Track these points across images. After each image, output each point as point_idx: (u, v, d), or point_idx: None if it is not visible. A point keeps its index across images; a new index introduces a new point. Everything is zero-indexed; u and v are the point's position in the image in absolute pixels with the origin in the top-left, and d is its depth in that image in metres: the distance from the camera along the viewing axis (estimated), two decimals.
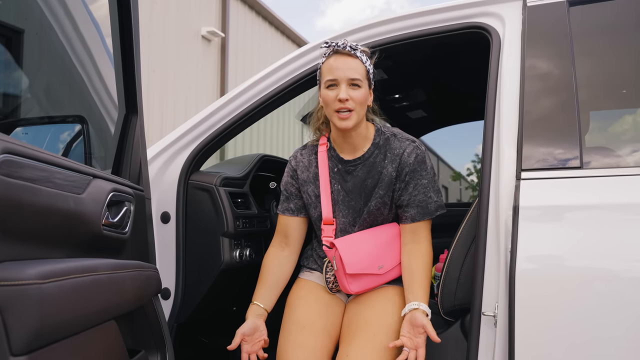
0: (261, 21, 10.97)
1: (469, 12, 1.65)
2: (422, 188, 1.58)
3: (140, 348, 1.39)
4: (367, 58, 1.58)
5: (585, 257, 1.24)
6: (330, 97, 1.54)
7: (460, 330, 1.58)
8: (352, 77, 1.52)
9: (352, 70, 1.52)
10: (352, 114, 1.52)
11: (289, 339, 1.54)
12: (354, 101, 1.52)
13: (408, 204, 1.59)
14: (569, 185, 1.31)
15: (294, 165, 1.73)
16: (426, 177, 1.59)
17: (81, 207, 1.08)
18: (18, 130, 1.56)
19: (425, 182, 1.59)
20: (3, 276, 0.83)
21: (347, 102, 1.51)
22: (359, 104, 1.53)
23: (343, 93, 1.51)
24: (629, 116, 1.54)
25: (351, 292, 1.59)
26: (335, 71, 1.53)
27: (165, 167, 1.87)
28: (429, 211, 1.59)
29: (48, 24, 1.55)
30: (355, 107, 1.52)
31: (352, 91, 1.52)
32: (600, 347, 1.18)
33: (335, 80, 1.53)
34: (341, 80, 1.52)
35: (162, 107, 7.96)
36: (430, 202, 1.58)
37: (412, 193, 1.58)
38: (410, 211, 1.59)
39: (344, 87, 1.52)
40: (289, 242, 1.73)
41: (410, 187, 1.58)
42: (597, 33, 1.51)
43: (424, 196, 1.58)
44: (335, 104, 1.53)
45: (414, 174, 1.58)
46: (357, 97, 1.52)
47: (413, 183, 1.58)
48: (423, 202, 1.58)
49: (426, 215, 1.59)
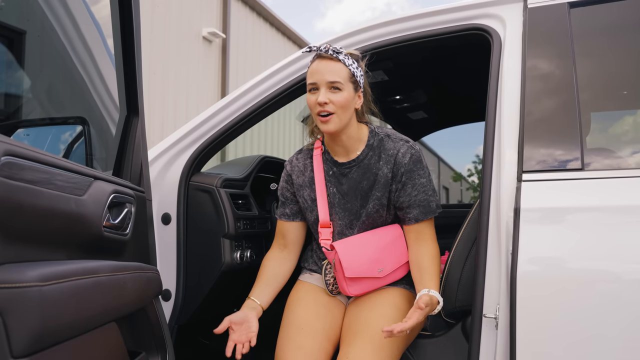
0: (262, 22, 10.98)
1: (469, 13, 1.65)
2: (421, 187, 1.58)
3: (140, 350, 1.39)
4: (353, 61, 1.56)
5: (586, 259, 1.24)
6: (311, 101, 1.55)
7: (462, 332, 1.57)
8: (331, 80, 1.51)
9: (332, 73, 1.52)
10: (333, 117, 1.52)
11: (287, 340, 1.53)
12: (334, 104, 1.51)
13: (409, 205, 1.58)
14: (570, 187, 1.31)
15: (289, 170, 1.74)
16: (424, 176, 1.59)
17: (82, 208, 1.08)
18: (19, 132, 1.56)
19: (424, 181, 1.58)
20: (4, 278, 0.83)
21: (325, 105, 1.51)
22: (339, 107, 1.52)
23: (322, 96, 1.51)
24: (630, 117, 1.54)
25: (350, 295, 1.59)
26: (315, 75, 1.53)
27: (166, 168, 1.87)
28: (431, 209, 1.59)
29: (50, 25, 1.55)
30: (336, 110, 1.52)
31: (331, 94, 1.52)
32: (602, 348, 1.17)
33: (315, 84, 1.54)
34: (320, 84, 1.53)
35: (163, 108, 7.96)
36: (430, 200, 1.58)
37: (412, 193, 1.58)
38: (413, 212, 1.58)
39: (323, 90, 1.52)
40: (287, 245, 1.74)
41: (409, 188, 1.58)
42: (598, 34, 1.51)
43: (424, 195, 1.58)
44: (316, 108, 1.53)
45: (411, 174, 1.58)
46: (337, 101, 1.51)
47: (411, 183, 1.58)
48: (424, 201, 1.58)
49: (429, 214, 1.59)
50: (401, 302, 1.58)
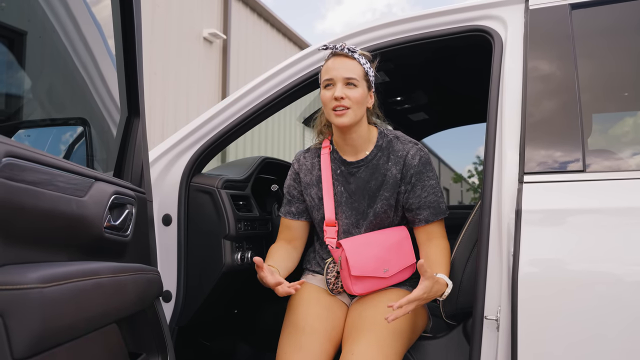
0: (263, 23, 10.99)
1: (471, 15, 1.65)
2: (431, 189, 1.60)
3: (141, 351, 1.38)
4: (366, 61, 1.60)
5: (588, 261, 1.23)
6: (326, 96, 1.57)
7: (463, 334, 1.57)
8: (347, 76, 1.55)
9: (348, 70, 1.55)
10: (348, 112, 1.55)
11: (288, 341, 1.53)
12: (350, 100, 1.54)
13: (419, 207, 1.60)
14: (572, 189, 1.31)
15: (296, 168, 1.75)
16: (433, 177, 1.62)
17: (83, 210, 1.08)
18: (20, 133, 1.56)
19: (433, 183, 1.61)
20: (5, 280, 0.82)
21: (342, 100, 1.54)
22: (355, 103, 1.55)
23: (338, 91, 1.54)
24: (631, 119, 1.53)
25: (354, 294, 1.59)
26: (332, 71, 1.57)
27: (167, 169, 1.87)
28: (441, 210, 1.61)
29: (51, 26, 1.55)
30: (352, 105, 1.55)
31: (348, 90, 1.55)
32: (603, 350, 1.17)
33: (331, 80, 1.56)
34: (337, 80, 1.55)
35: (163, 109, 7.96)
36: (440, 201, 1.61)
37: (422, 195, 1.60)
38: (423, 213, 1.60)
39: (339, 86, 1.55)
40: (291, 240, 1.76)
41: (418, 190, 1.60)
42: (599, 36, 1.51)
43: (434, 196, 1.60)
44: (332, 103, 1.56)
45: (421, 175, 1.60)
46: (353, 96, 1.54)
47: (420, 185, 1.60)
48: (434, 203, 1.60)
49: (439, 215, 1.61)
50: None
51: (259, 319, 2.26)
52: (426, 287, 1.35)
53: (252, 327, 2.30)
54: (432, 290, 1.39)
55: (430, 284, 1.37)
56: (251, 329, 2.31)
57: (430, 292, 1.38)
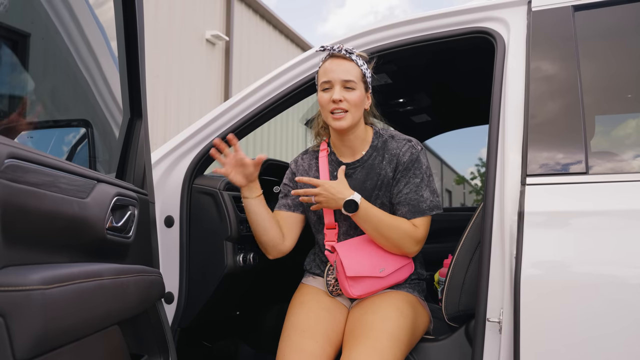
0: (265, 25, 11.01)
1: (473, 17, 1.65)
2: (414, 186, 1.58)
3: (143, 353, 1.38)
4: (363, 62, 1.60)
5: (590, 263, 1.23)
6: (324, 99, 1.57)
7: (465, 336, 1.57)
8: (345, 78, 1.54)
9: (345, 72, 1.55)
10: (347, 115, 1.55)
11: (288, 343, 1.53)
12: (347, 102, 1.54)
13: (399, 202, 1.60)
14: (574, 191, 1.31)
15: (293, 168, 1.76)
16: (419, 175, 1.59)
17: (85, 211, 1.08)
18: (23, 134, 1.57)
19: (417, 181, 1.59)
20: (7, 281, 0.82)
21: (340, 102, 1.53)
22: (353, 105, 1.55)
23: (336, 94, 1.53)
24: (634, 121, 1.53)
25: (353, 296, 1.59)
26: (330, 73, 1.56)
27: (169, 171, 1.87)
28: (420, 210, 1.58)
29: (54, 28, 1.55)
30: (350, 108, 1.54)
31: (346, 93, 1.54)
32: (606, 353, 1.17)
33: (329, 83, 1.56)
34: (335, 82, 1.55)
35: (166, 110, 7.98)
36: (422, 200, 1.58)
37: (403, 191, 1.59)
38: (402, 209, 1.60)
39: (337, 88, 1.54)
40: (284, 233, 1.71)
41: (402, 185, 1.59)
42: (602, 38, 1.51)
43: (415, 195, 1.58)
44: (330, 105, 1.55)
45: (407, 172, 1.59)
46: (351, 99, 1.54)
47: (404, 181, 1.59)
48: (414, 201, 1.58)
49: (417, 214, 1.58)
50: (404, 306, 1.57)
51: (261, 320, 2.26)
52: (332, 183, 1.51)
53: (254, 328, 2.30)
54: (335, 188, 1.51)
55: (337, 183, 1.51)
56: (253, 331, 2.30)
57: (333, 189, 1.51)
